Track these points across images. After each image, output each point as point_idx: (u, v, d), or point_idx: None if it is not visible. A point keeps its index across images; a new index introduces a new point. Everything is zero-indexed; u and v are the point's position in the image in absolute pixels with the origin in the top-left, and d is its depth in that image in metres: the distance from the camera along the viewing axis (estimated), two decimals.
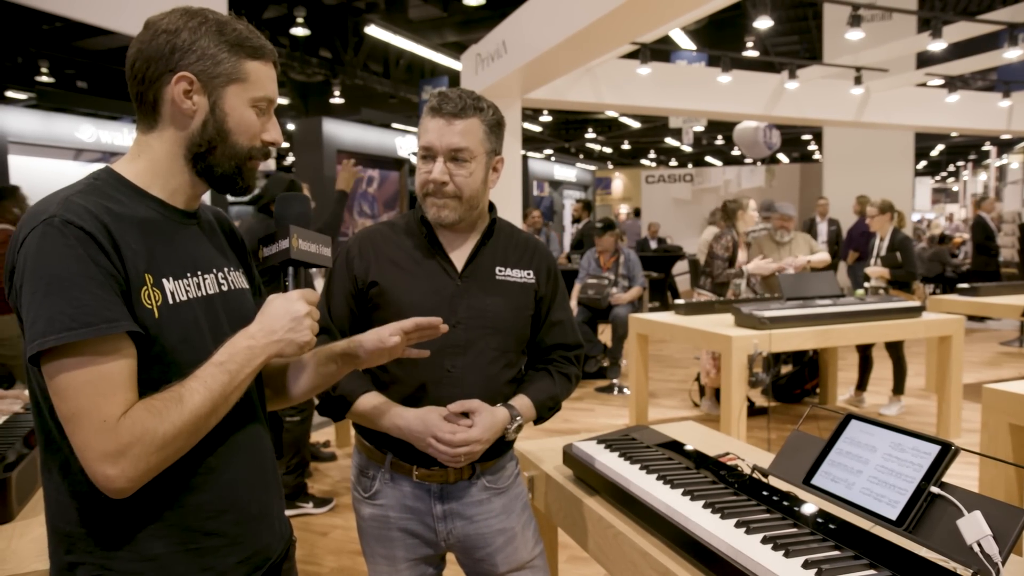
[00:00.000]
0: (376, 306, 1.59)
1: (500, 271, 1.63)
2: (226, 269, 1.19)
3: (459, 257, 1.62)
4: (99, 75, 12.61)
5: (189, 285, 1.09)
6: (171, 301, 1.05)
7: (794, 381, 5.85)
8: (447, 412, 1.51)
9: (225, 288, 1.17)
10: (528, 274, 1.66)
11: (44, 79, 11.32)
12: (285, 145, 16.37)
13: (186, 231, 1.14)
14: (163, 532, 1.04)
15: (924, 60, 10.26)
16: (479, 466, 1.62)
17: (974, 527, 1.19)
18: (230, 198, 8.74)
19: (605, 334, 6.86)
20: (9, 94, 12.17)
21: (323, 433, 5.08)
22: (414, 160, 1.66)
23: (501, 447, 1.63)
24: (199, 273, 1.12)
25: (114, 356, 0.96)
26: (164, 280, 1.05)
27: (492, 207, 1.68)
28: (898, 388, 5.45)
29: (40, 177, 10.24)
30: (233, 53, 1.09)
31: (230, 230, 1.29)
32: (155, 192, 1.11)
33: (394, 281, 1.58)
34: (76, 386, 0.94)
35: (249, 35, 1.12)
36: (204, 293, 1.12)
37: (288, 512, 3.65)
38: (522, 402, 1.62)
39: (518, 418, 1.58)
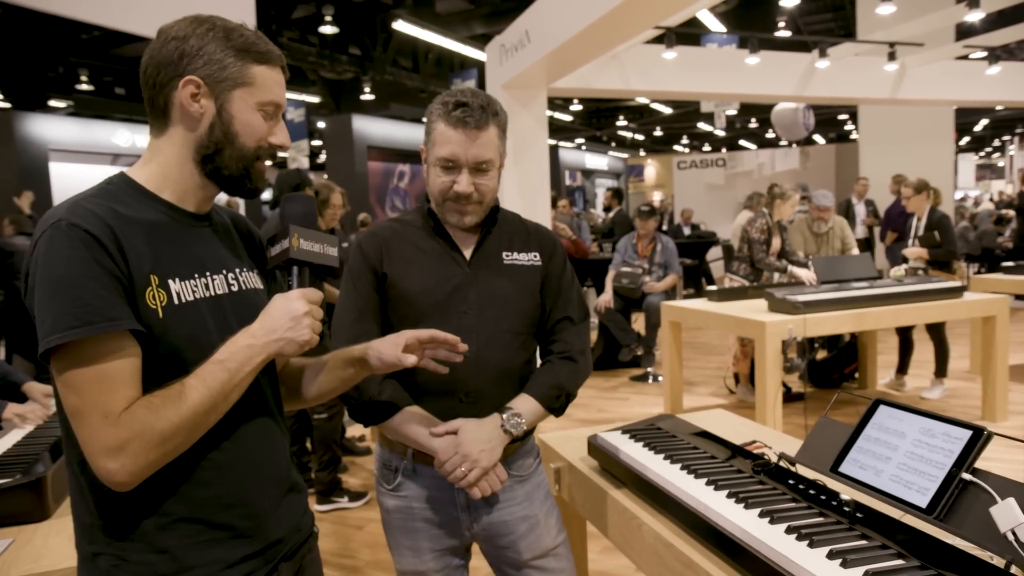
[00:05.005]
0: (388, 298, 1.61)
1: (507, 255, 1.66)
2: (237, 270, 1.20)
3: (466, 246, 1.65)
4: (137, 81, 12.87)
5: (196, 286, 1.11)
6: (176, 301, 1.07)
7: (832, 366, 5.74)
8: (437, 430, 1.52)
9: (236, 288, 1.18)
10: (534, 256, 1.68)
11: (83, 87, 11.61)
12: (316, 143, 16.56)
13: (196, 233, 1.16)
14: (174, 525, 1.07)
15: (964, 32, 9.93)
16: None
17: (1008, 514, 1.15)
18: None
19: (638, 323, 6.81)
20: (50, 103, 12.51)
21: (358, 428, 5.14)
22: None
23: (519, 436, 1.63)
24: (207, 274, 1.14)
25: (117, 354, 0.99)
26: (170, 281, 1.07)
27: None
28: (940, 371, 5.31)
29: (79, 183, 10.38)
30: (239, 58, 1.11)
31: (247, 232, 1.31)
32: (166, 195, 1.13)
33: (404, 273, 1.60)
34: (80, 382, 0.98)
35: (256, 41, 1.13)
36: (212, 293, 1.13)
37: (324, 507, 3.74)
38: (518, 399, 1.60)
39: (510, 411, 1.56)
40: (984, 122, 21.01)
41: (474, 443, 1.49)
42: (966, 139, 24.76)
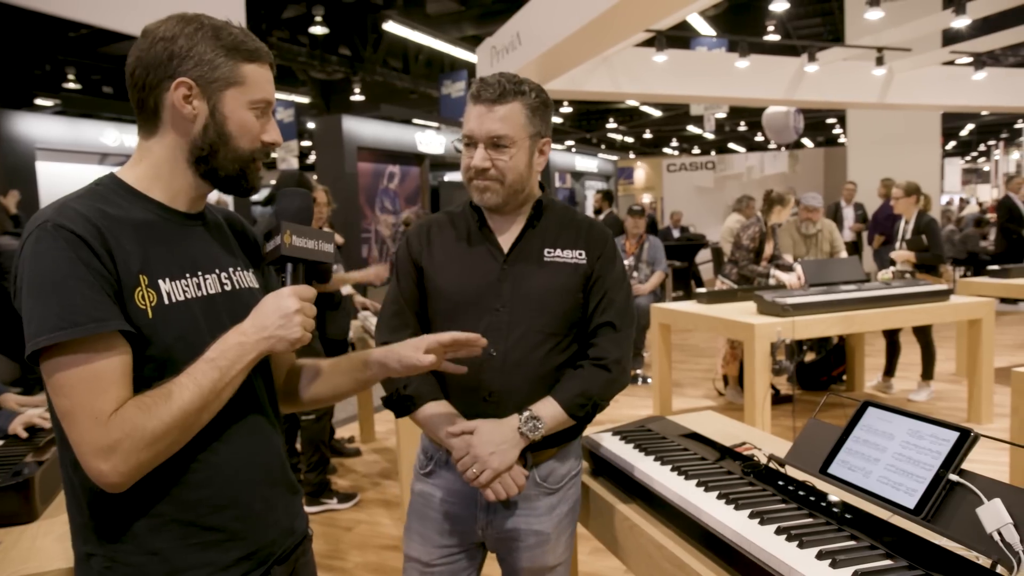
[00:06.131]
0: (426, 292, 1.61)
1: (549, 252, 1.59)
2: (231, 269, 1.19)
3: (507, 241, 1.60)
4: (124, 80, 12.79)
5: (188, 285, 1.10)
6: (166, 301, 1.06)
7: (820, 368, 5.78)
8: (454, 429, 1.50)
9: (229, 288, 1.17)
10: (579, 254, 1.60)
11: (71, 85, 11.52)
12: (306, 144, 16.50)
13: (187, 232, 1.15)
14: (165, 527, 1.06)
15: (950, 37, 10.03)
16: (530, 455, 1.56)
17: (994, 515, 1.17)
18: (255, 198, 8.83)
19: None
20: (37, 102, 12.40)
21: (348, 429, 5.13)
22: (445, 150, 1.67)
23: (553, 440, 1.57)
24: (199, 273, 1.13)
25: (105, 354, 0.98)
26: (160, 281, 1.07)
27: (543, 188, 1.67)
28: (927, 373, 5.36)
29: (67, 182, 10.30)
30: (230, 57, 1.10)
31: (242, 231, 1.30)
32: (155, 195, 1.12)
33: (440, 267, 1.60)
34: (70, 384, 0.97)
35: (245, 39, 1.12)
36: (204, 293, 1.12)
37: (313, 508, 3.73)
38: (542, 402, 1.55)
39: (529, 413, 1.50)
40: (970, 127, 21.22)
41: (486, 444, 1.46)
42: (952, 143, 24.99)
